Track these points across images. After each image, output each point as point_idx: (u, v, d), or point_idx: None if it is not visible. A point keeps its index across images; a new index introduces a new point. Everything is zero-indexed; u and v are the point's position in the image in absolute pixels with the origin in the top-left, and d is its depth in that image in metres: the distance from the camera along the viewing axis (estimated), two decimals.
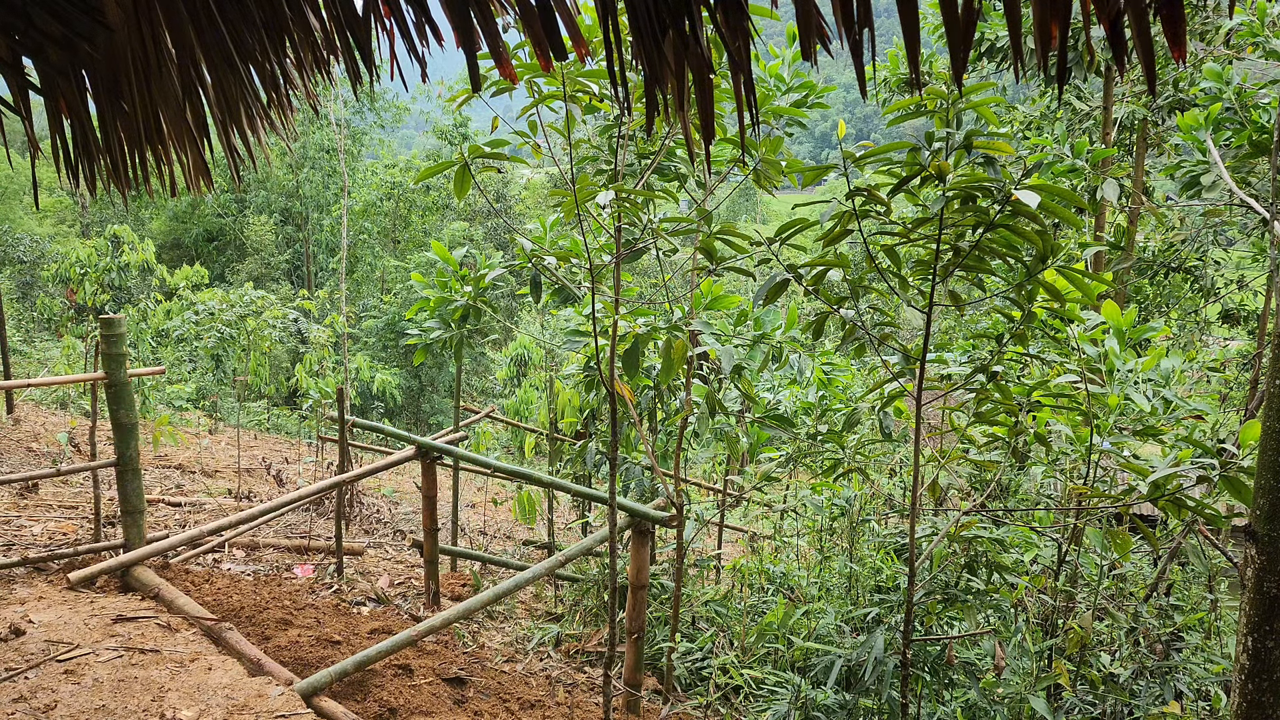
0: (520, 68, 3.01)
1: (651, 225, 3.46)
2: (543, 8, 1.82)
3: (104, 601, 4.02)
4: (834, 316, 3.10)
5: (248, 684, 3.32)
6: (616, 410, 3.32)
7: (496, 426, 11.93)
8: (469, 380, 22.56)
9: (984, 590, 3.44)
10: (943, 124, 2.70)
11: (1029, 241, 2.67)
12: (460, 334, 4.65)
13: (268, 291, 17.52)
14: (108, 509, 5.78)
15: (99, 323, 4.47)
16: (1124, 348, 3.50)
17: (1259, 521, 1.67)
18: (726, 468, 6.49)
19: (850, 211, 2.77)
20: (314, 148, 26.11)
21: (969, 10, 1.41)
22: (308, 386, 13.36)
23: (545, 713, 3.89)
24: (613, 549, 3.33)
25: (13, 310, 17.09)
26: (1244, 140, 4.71)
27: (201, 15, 2.35)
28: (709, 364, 4.79)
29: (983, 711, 3.53)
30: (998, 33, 7.43)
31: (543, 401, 8.54)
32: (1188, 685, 3.50)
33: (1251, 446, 2.93)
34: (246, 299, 14.06)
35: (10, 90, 2.64)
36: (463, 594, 5.58)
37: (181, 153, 2.84)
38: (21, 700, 3.09)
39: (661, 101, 1.84)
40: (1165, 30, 1.31)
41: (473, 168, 3.11)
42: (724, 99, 3.48)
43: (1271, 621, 1.64)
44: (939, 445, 4.49)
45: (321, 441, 10.27)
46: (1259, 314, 7.10)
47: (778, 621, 4.29)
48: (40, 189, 26.21)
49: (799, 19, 1.60)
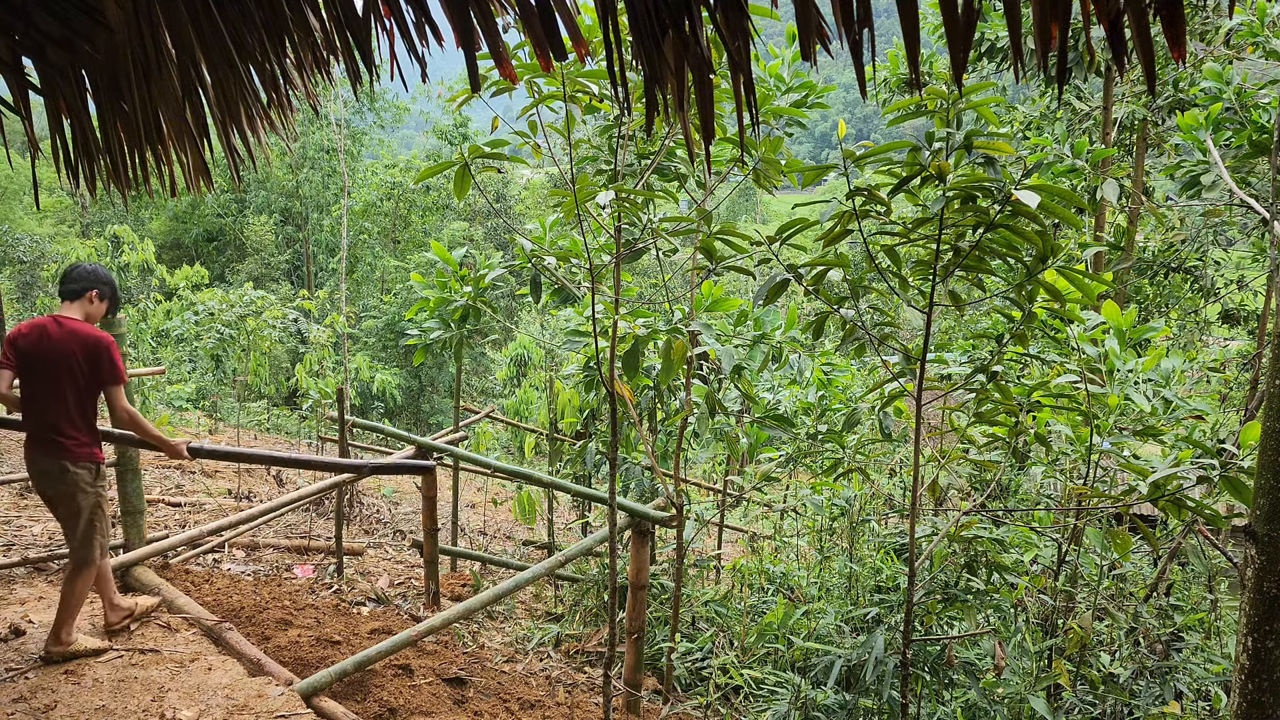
0: (520, 68, 3.01)
1: (651, 225, 3.46)
2: (543, 8, 1.82)
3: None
4: (834, 316, 3.10)
5: (248, 684, 3.32)
6: (616, 410, 3.32)
7: (496, 426, 11.92)
8: (469, 380, 22.56)
9: (984, 590, 3.44)
10: (943, 124, 2.70)
11: (1029, 241, 2.67)
12: (460, 334, 4.65)
13: (268, 291, 17.53)
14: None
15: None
16: (1124, 348, 3.50)
17: (1259, 521, 1.67)
18: (726, 468, 6.49)
19: (850, 211, 2.77)
20: (314, 148, 26.10)
21: (969, 10, 1.41)
22: (308, 387, 13.35)
23: (545, 713, 3.89)
24: (613, 549, 3.33)
25: (13, 310, 17.09)
26: (1244, 140, 4.71)
27: (201, 15, 2.35)
28: (709, 364, 4.79)
29: (983, 711, 3.53)
30: (998, 33, 7.43)
31: (543, 401, 8.54)
32: (1188, 685, 3.50)
33: (1251, 447, 2.93)
34: (246, 299, 14.06)
35: (10, 90, 2.64)
36: (463, 594, 5.58)
37: (181, 153, 2.84)
38: (21, 700, 3.09)
39: (661, 101, 1.84)
40: (1165, 30, 1.31)
41: (473, 168, 3.11)
42: (724, 99, 3.48)
43: (1271, 621, 1.64)
44: (939, 445, 4.48)
45: (321, 442, 10.27)
46: (1259, 314, 7.10)
47: (778, 621, 4.29)
48: (40, 189, 26.19)
49: (799, 19, 1.60)
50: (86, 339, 3.35)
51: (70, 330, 3.34)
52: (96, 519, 3.47)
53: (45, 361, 3.33)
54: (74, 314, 3.43)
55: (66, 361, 3.33)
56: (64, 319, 3.38)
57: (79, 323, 3.39)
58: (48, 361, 3.33)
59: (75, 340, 3.33)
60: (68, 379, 3.34)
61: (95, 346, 3.35)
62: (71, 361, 3.33)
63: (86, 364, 3.35)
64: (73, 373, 3.34)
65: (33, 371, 3.35)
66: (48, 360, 3.33)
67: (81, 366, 3.35)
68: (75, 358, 3.33)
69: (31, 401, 3.37)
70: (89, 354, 3.35)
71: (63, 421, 3.36)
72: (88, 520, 3.45)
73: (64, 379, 3.34)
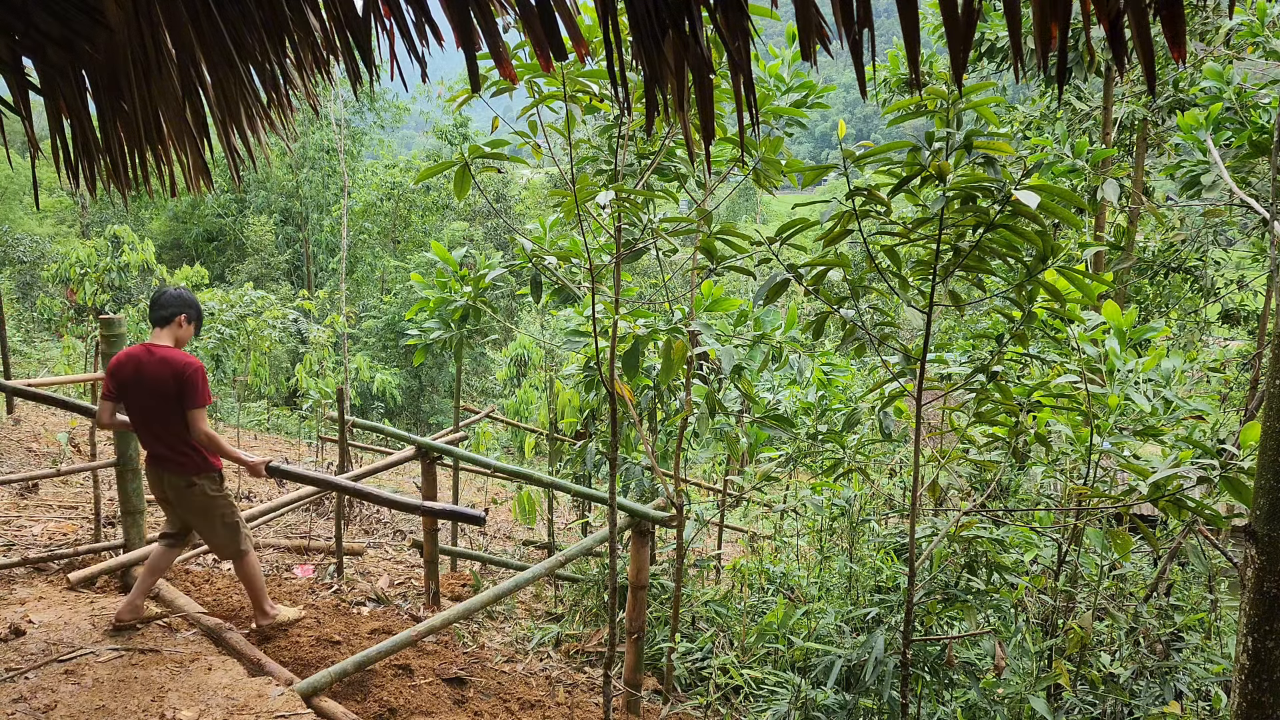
0: (520, 68, 3.01)
1: (651, 225, 3.46)
2: (543, 8, 1.82)
3: (104, 601, 4.02)
4: (834, 316, 3.10)
5: (248, 684, 3.32)
6: (616, 410, 3.32)
7: (496, 426, 11.93)
8: (469, 380, 22.56)
9: (984, 590, 3.44)
10: (943, 124, 2.70)
11: (1029, 241, 2.67)
12: (460, 334, 4.65)
13: (268, 292, 17.52)
14: (108, 509, 5.78)
15: (99, 323, 4.47)
16: (1124, 348, 3.50)
17: (1259, 521, 1.67)
18: (726, 468, 6.49)
19: (850, 211, 2.77)
20: (314, 148, 26.11)
21: (969, 10, 1.41)
22: (308, 387, 13.36)
23: (545, 713, 3.89)
24: (612, 549, 3.33)
25: (13, 310, 17.09)
26: (1244, 140, 4.71)
27: (201, 15, 2.35)
28: (709, 364, 4.79)
29: (983, 711, 3.53)
30: (998, 33, 7.44)
31: (543, 401, 8.54)
32: (1188, 685, 3.50)
33: (1251, 447, 2.93)
34: (246, 299, 14.05)
35: (10, 90, 2.64)
36: (463, 594, 5.58)
37: (181, 153, 2.84)
38: (21, 700, 3.09)
39: (661, 101, 1.83)
40: (1165, 30, 1.31)
41: (473, 168, 3.11)
42: (724, 99, 3.48)
43: (1271, 621, 1.64)
44: (939, 445, 4.48)
45: (321, 441, 10.27)
46: (1259, 314, 7.10)
47: (778, 621, 4.29)
48: (40, 189, 26.21)
49: (799, 19, 1.60)
50: (176, 364, 3.59)
51: (161, 358, 3.59)
52: (229, 517, 3.79)
53: (144, 390, 3.59)
54: (164, 340, 3.68)
55: (162, 388, 3.57)
56: (155, 347, 3.63)
57: (169, 349, 3.64)
58: (146, 390, 3.58)
59: (166, 367, 3.57)
60: (166, 404, 3.59)
61: (183, 372, 3.58)
62: (166, 387, 3.56)
63: (177, 388, 3.58)
64: (168, 397, 3.57)
65: (135, 400, 3.62)
66: (146, 388, 3.58)
67: (174, 391, 3.57)
68: (168, 383, 3.56)
69: (144, 427, 3.66)
70: (178, 379, 3.57)
71: (175, 441, 3.64)
72: (223, 523, 3.77)
73: (163, 404, 3.59)
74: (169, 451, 3.64)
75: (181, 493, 3.70)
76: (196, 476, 3.68)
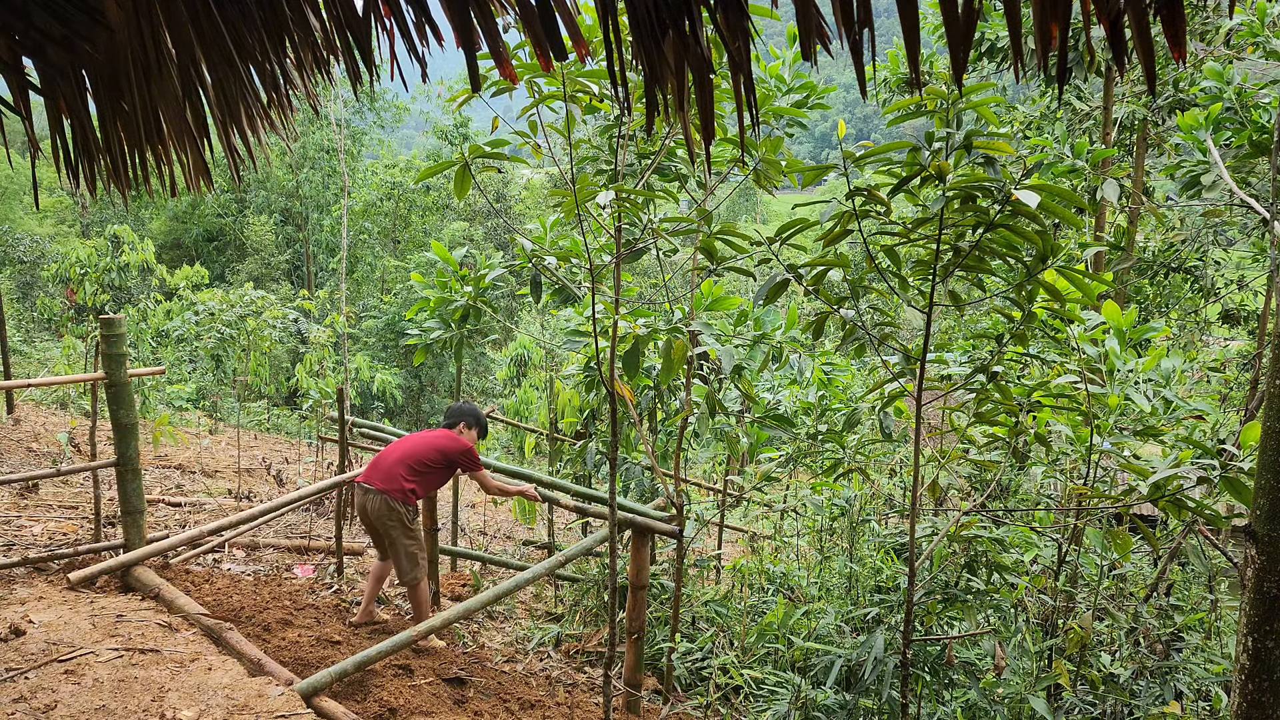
0: (520, 68, 3.01)
1: (651, 225, 3.46)
2: (543, 8, 1.82)
3: (104, 601, 4.02)
4: (834, 316, 3.10)
5: (248, 684, 3.32)
6: (616, 410, 3.32)
7: (496, 427, 11.92)
8: (469, 380, 22.56)
9: (984, 590, 3.44)
10: (943, 124, 2.70)
11: (1029, 241, 2.67)
12: (460, 334, 4.65)
13: (268, 291, 17.52)
14: (108, 509, 5.78)
15: (99, 323, 4.47)
16: (1124, 348, 3.50)
17: (1259, 521, 1.67)
18: (726, 468, 6.49)
19: (850, 211, 2.77)
20: (314, 148, 26.09)
21: (969, 10, 1.41)
22: (308, 386, 13.36)
23: (545, 713, 3.89)
24: (612, 549, 3.33)
25: (13, 310, 17.10)
26: (1244, 140, 4.71)
27: (201, 15, 2.35)
28: (709, 364, 4.79)
29: (983, 711, 3.53)
30: (998, 33, 7.44)
31: (543, 401, 8.54)
32: (1188, 685, 3.50)
33: (1251, 447, 2.93)
34: (246, 299, 14.05)
35: (10, 90, 2.64)
36: (463, 594, 5.58)
37: (181, 153, 2.84)
38: (21, 700, 3.09)
39: (661, 101, 1.83)
40: (1165, 30, 1.31)
41: (473, 168, 3.11)
42: (724, 99, 3.48)
43: (1271, 621, 1.64)
44: (939, 445, 4.48)
45: (321, 441, 10.26)
46: (1259, 314, 7.10)
47: (778, 621, 4.28)
48: (40, 189, 26.21)
49: (799, 19, 1.60)
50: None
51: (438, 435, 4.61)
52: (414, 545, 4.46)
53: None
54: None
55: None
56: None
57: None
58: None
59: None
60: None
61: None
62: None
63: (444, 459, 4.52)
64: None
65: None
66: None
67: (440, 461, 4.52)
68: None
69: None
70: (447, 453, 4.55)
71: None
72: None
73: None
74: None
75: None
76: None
